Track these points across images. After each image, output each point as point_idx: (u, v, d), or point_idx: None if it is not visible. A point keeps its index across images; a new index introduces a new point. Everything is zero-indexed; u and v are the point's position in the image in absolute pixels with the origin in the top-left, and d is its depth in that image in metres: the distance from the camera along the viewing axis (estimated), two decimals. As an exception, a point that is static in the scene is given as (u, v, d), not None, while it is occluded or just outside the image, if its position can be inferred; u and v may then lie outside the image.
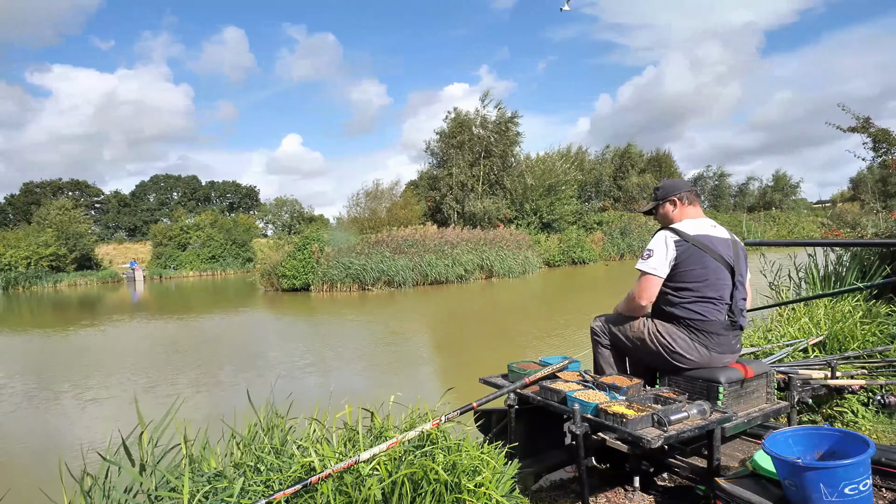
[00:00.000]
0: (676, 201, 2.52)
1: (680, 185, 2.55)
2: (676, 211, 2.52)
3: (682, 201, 2.52)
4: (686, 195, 2.52)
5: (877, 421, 3.13)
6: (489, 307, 15.69)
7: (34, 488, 2.29)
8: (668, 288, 2.35)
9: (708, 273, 2.29)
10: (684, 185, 2.56)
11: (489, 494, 1.65)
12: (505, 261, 23.40)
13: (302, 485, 1.57)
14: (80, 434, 5.22)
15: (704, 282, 2.29)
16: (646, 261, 2.35)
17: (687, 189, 2.54)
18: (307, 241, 21.14)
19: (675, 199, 2.52)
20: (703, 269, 2.29)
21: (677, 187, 2.54)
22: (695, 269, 2.29)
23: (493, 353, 8.29)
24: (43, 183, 50.81)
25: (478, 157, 31.43)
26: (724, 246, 2.36)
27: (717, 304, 2.31)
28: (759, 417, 2.32)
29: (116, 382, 7.40)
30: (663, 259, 2.32)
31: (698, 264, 2.29)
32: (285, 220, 56.03)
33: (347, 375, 7.31)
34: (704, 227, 2.40)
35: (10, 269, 30.41)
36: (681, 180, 2.64)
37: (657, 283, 2.33)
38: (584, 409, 2.06)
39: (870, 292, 5.01)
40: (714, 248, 2.32)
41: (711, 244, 2.33)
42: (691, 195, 2.54)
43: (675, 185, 2.56)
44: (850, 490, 1.66)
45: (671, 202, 2.53)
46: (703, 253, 2.30)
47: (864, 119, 7.96)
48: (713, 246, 2.32)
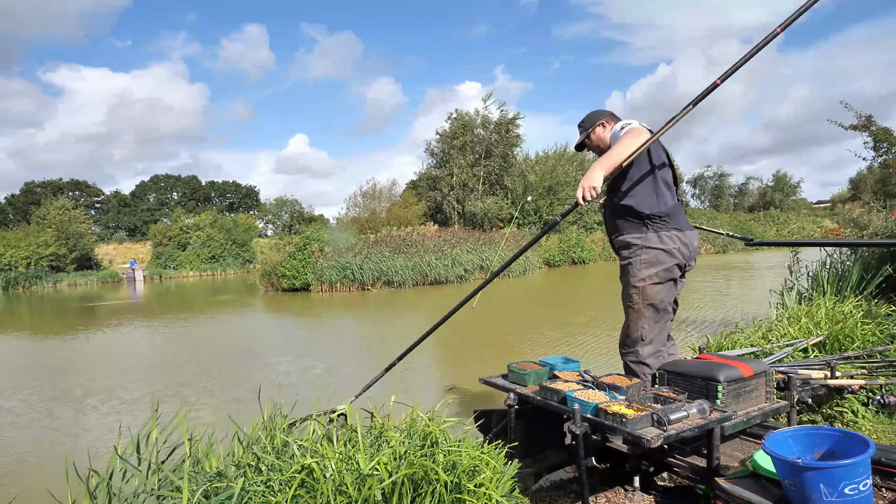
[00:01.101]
0: (604, 123, 2.79)
1: (601, 113, 2.84)
2: (606, 131, 2.77)
3: (608, 121, 2.78)
4: (609, 117, 2.80)
5: (877, 421, 3.13)
6: (489, 307, 15.69)
7: (43, 490, 2.29)
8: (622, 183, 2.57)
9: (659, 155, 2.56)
10: (605, 112, 2.84)
11: (489, 494, 1.65)
12: (505, 261, 23.40)
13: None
14: (86, 437, 5.23)
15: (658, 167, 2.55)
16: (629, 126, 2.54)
17: (608, 112, 2.83)
18: (307, 242, 21.15)
19: (602, 122, 2.79)
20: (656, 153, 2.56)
21: (600, 114, 2.82)
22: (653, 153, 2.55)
23: (493, 353, 8.29)
24: (43, 183, 50.84)
25: (479, 158, 31.46)
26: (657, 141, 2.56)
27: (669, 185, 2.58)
28: (759, 417, 2.32)
29: (119, 385, 7.40)
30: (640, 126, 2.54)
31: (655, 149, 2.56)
32: (285, 221, 56.04)
33: (348, 375, 7.31)
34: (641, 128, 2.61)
35: (10, 269, 30.42)
36: (599, 110, 2.87)
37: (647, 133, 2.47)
38: (584, 409, 2.06)
39: (870, 292, 5.01)
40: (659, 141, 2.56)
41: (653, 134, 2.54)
42: (612, 116, 2.81)
43: (597, 114, 2.84)
44: (850, 490, 1.66)
45: (600, 126, 2.79)
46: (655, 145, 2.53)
47: (866, 118, 7.95)
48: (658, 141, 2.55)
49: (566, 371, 2.57)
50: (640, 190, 2.55)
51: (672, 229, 2.54)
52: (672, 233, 2.53)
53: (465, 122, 31.24)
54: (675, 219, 2.56)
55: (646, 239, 2.54)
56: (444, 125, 32.07)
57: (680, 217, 2.60)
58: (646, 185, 2.55)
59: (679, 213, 2.60)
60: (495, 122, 31.64)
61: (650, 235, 2.54)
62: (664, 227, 2.53)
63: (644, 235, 2.55)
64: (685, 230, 2.59)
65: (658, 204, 2.53)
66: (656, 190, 2.53)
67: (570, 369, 2.61)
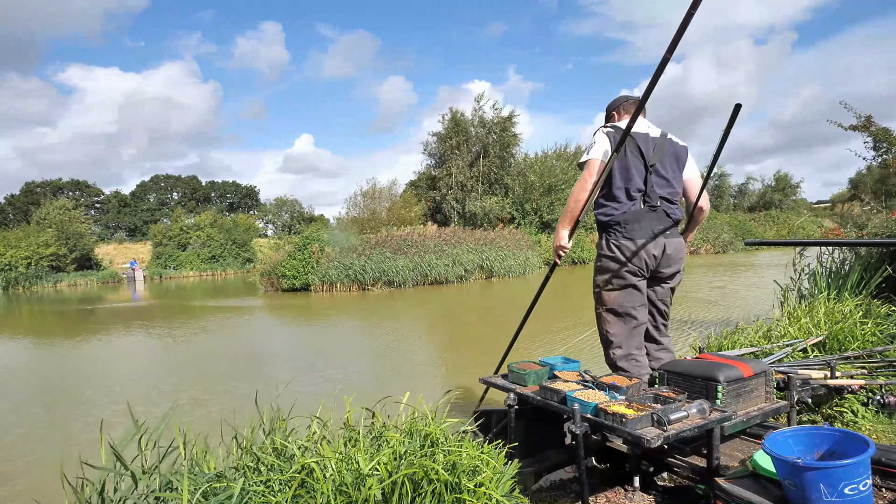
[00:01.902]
0: (615, 114, 2.82)
1: (619, 99, 2.85)
2: (619, 120, 2.79)
3: (620, 111, 2.81)
4: (624, 105, 2.81)
5: (877, 421, 3.13)
6: (489, 307, 15.68)
7: (41, 495, 2.29)
8: (600, 193, 2.62)
9: (624, 162, 2.54)
10: (622, 99, 2.84)
11: (489, 494, 1.65)
12: (505, 261, 23.40)
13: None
14: (82, 442, 5.23)
15: (620, 175, 2.55)
16: (588, 152, 2.60)
17: (625, 99, 2.83)
18: (307, 241, 21.15)
19: (614, 112, 2.83)
20: (621, 161, 2.55)
21: (617, 102, 2.85)
22: (616, 162, 2.54)
23: (493, 353, 8.29)
24: (43, 183, 50.86)
25: (476, 157, 31.45)
26: (645, 140, 2.60)
27: (630, 193, 2.55)
28: (759, 416, 2.32)
29: (122, 387, 7.40)
30: (602, 144, 2.56)
31: (625, 156, 2.54)
32: (285, 221, 56.04)
33: (348, 375, 7.31)
34: (641, 126, 2.64)
35: (10, 269, 30.42)
36: (621, 96, 2.89)
37: (600, 166, 2.54)
38: (584, 409, 2.06)
39: (870, 292, 5.01)
40: (640, 143, 2.57)
41: (639, 140, 2.57)
42: (628, 104, 2.80)
43: (615, 102, 2.86)
44: (849, 490, 1.66)
45: (613, 115, 2.83)
46: (630, 146, 2.55)
47: (866, 118, 7.95)
48: (640, 141, 2.57)
49: (566, 371, 2.58)
50: (601, 199, 2.64)
51: (624, 238, 2.56)
52: (622, 241, 2.56)
53: (459, 121, 31.25)
54: (631, 227, 2.55)
55: (601, 246, 2.66)
56: (438, 125, 32.16)
57: (640, 224, 2.56)
58: (606, 195, 2.62)
59: (640, 220, 2.56)
60: (491, 122, 31.64)
61: (603, 243, 2.65)
62: (616, 235, 2.58)
63: (601, 242, 2.66)
64: (642, 238, 2.56)
65: (613, 211, 2.58)
66: (614, 198, 2.58)
67: (569, 369, 2.61)
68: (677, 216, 2.66)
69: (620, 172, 2.56)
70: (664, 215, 2.60)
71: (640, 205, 2.56)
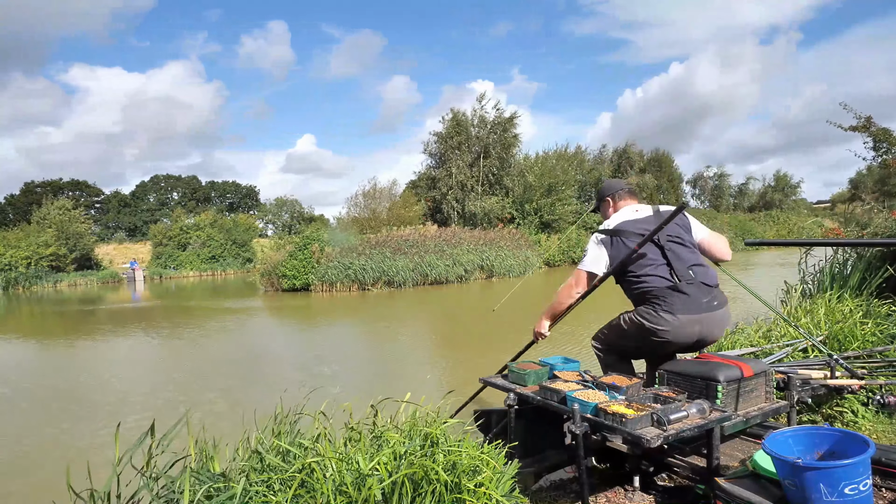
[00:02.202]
0: (609, 200, 2.82)
1: (613, 186, 2.85)
2: (611, 209, 2.80)
3: (615, 199, 2.80)
4: (618, 193, 2.80)
5: (877, 421, 3.13)
6: (489, 307, 15.68)
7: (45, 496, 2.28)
8: (620, 279, 2.60)
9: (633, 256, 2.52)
10: (617, 185, 2.85)
11: (489, 494, 1.65)
12: (505, 261, 23.40)
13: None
14: (89, 445, 5.24)
15: (637, 262, 2.52)
16: (582, 261, 2.63)
17: (620, 188, 2.82)
18: (307, 241, 21.14)
19: (608, 198, 2.83)
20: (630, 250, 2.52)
21: (610, 188, 2.85)
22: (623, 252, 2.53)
23: (493, 352, 8.28)
24: (43, 183, 50.85)
25: (476, 158, 31.46)
26: (645, 222, 2.58)
27: (656, 270, 2.49)
28: (759, 416, 2.32)
29: (124, 389, 7.41)
30: (596, 258, 2.58)
31: (627, 249, 2.52)
32: (285, 221, 56.03)
33: (348, 376, 7.31)
34: (626, 214, 2.65)
35: (10, 269, 30.40)
36: (616, 181, 2.90)
37: (589, 278, 2.59)
38: (584, 409, 2.06)
39: (870, 292, 5.01)
40: (634, 229, 2.56)
41: (630, 227, 2.57)
42: (623, 192, 2.80)
43: (608, 186, 2.87)
44: (850, 490, 1.66)
45: (605, 202, 2.85)
46: (625, 238, 2.54)
47: (866, 118, 7.95)
48: (632, 227, 2.56)
49: (566, 371, 2.58)
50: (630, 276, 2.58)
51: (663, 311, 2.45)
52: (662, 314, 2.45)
53: (459, 121, 31.27)
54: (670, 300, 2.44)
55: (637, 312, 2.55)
56: (440, 125, 32.16)
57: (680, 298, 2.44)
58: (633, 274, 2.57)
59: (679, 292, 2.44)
60: (492, 122, 31.65)
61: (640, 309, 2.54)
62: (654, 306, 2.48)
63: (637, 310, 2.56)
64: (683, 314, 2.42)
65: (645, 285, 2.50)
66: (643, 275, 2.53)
67: (569, 369, 2.61)
68: (714, 280, 2.53)
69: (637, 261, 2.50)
70: (702, 285, 2.47)
71: (671, 278, 2.45)
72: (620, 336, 2.60)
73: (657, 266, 2.49)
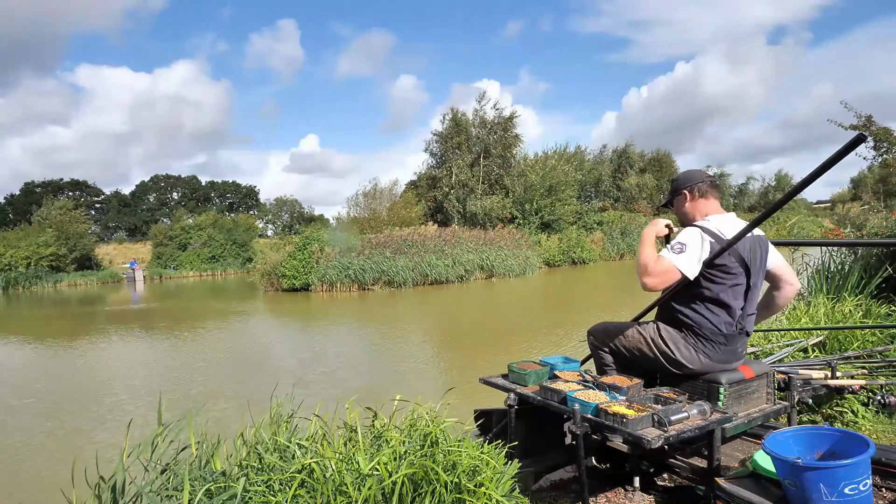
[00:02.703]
0: (687, 193, 2.34)
1: (694, 176, 2.36)
2: (688, 204, 2.35)
3: (693, 193, 2.33)
4: (698, 186, 2.32)
5: (877, 421, 3.13)
6: (489, 307, 15.68)
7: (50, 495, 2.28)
8: (684, 289, 2.22)
9: (727, 278, 2.16)
10: (698, 176, 2.36)
11: (489, 494, 1.65)
12: (505, 261, 23.41)
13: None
14: (95, 442, 5.25)
15: (722, 286, 2.16)
16: (677, 254, 2.13)
17: (700, 180, 2.34)
18: (307, 242, 21.14)
19: (685, 191, 2.35)
20: (724, 274, 2.15)
21: (690, 178, 2.36)
22: (716, 273, 2.15)
23: (493, 352, 8.29)
24: (43, 183, 50.87)
25: (477, 157, 31.48)
26: (744, 246, 2.18)
27: (730, 311, 2.20)
28: (760, 418, 2.32)
29: (125, 390, 7.41)
30: (696, 258, 2.13)
31: (722, 268, 2.14)
32: (285, 221, 56.04)
33: (348, 376, 7.31)
34: (724, 222, 2.23)
35: (10, 269, 30.41)
36: (696, 171, 2.42)
37: (678, 279, 2.14)
38: (584, 409, 2.06)
39: (870, 292, 5.01)
40: (738, 249, 2.16)
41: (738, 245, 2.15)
42: (704, 186, 2.33)
43: (687, 177, 2.38)
44: (850, 490, 1.66)
45: (682, 195, 2.36)
46: (729, 255, 2.14)
47: (866, 118, 7.95)
48: (738, 247, 2.16)
49: (566, 371, 2.57)
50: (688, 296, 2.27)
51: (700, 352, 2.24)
52: (696, 354, 2.24)
53: (459, 121, 31.30)
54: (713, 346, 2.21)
55: (661, 337, 2.29)
56: (440, 125, 32.20)
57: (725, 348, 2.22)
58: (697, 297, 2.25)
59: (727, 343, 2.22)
60: (492, 122, 31.68)
61: (670, 334, 2.29)
62: (692, 339, 2.25)
63: (666, 332, 2.30)
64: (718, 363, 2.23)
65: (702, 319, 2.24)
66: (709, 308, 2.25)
67: (570, 369, 2.61)
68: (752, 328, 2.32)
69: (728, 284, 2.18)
70: (745, 335, 2.27)
71: (734, 325, 2.20)
72: (634, 351, 2.39)
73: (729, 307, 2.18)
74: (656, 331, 2.31)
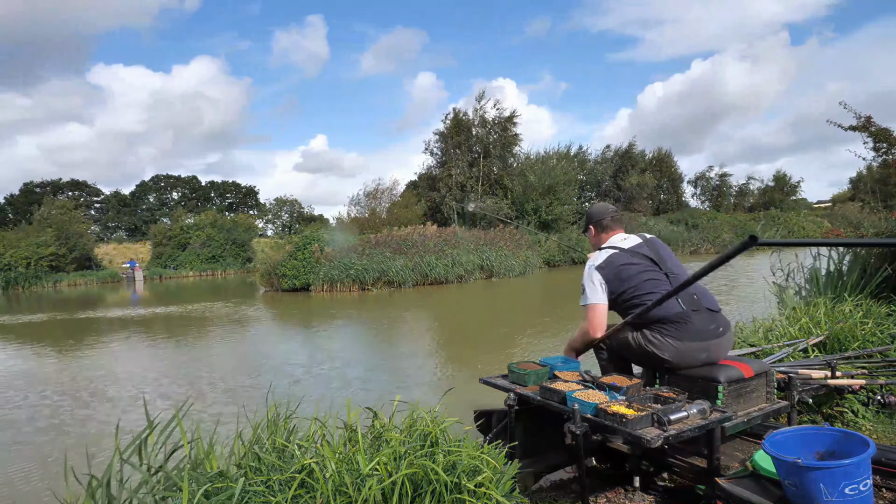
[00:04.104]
0: (593, 228, 2.84)
1: (598, 213, 2.84)
2: (595, 236, 2.83)
3: (598, 228, 2.82)
4: (601, 222, 2.80)
5: (877, 421, 3.13)
6: (489, 307, 15.68)
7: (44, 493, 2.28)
8: (620, 304, 2.56)
9: (634, 278, 2.50)
10: (603, 213, 2.82)
11: (489, 494, 1.65)
12: (505, 261, 23.41)
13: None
14: (87, 440, 5.24)
15: (636, 286, 2.49)
16: (584, 295, 2.60)
17: (603, 216, 2.81)
18: (307, 241, 21.14)
19: (591, 226, 2.85)
20: (630, 276, 2.51)
21: (595, 215, 2.84)
22: (625, 281, 2.51)
23: (493, 353, 8.29)
24: (43, 183, 50.87)
25: (477, 157, 31.49)
26: (640, 248, 2.60)
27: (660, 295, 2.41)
28: (759, 417, 2.32)
29: (126, 389, 7.41)
30: (596, 288, 2.55)
31: (624, 275, 2.51)
32: (285, 220, 56.05)
33: (348, 376, 7.31)
34: (615, 243, 2.67)
35: (9, 269, 30.41)
36: (601, 207, 2.88)
37: (602, 309, 2.55)
38: (584, 409, 2.06)
39: (870, 292, 5.00)
40: (628, 257, 2.56)
41: (625, 255, 2.57)
42: (607, 220, 2.79)
43: (592, 214, 2.87)
44: (850, 490, 1.66)
45: (590, 229, 2.87)
46: (622, 266, 2.53)
47: (866, 118, 7.94)
48: (627, 256, 2.56)
49: (566, 371, 2.57)
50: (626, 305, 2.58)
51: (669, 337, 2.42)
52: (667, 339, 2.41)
53: (460, 120, 31.31)
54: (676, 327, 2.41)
55: (633, 339, 2.53)
56: (437, 125, 32.26)
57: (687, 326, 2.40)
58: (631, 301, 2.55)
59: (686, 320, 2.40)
60: (492, 122, 31.69)
61: (637, 335, 2.51)
62: (657, 332, 2.44)
63: (633, 335, 2.54)
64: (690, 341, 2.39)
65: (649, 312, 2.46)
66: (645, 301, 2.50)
67: (570, 369, 2.61)
68: (717, 305, 2.52)
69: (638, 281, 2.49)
70: (707, 311, 2.44)
71: (681, 305, 2.41)
72: (625, 348, 2.59)
73: (653, 291, 2.45)
74: (636, 335, 2.52)
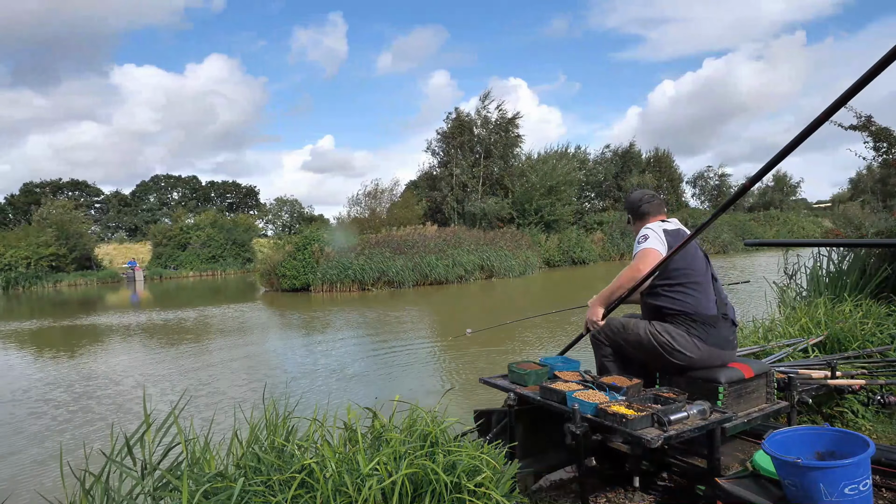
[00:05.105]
0: (639, 211, 2.73)
1: (641, 197, 2.74)
2: (640, 220, 2.71)
3: (644, 211, 2.72)
4: (650, 203, 2.71)
5: (877, 421, 3.13)
6: (489, 307, 15.68)
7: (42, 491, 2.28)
8: (658, 281, 2.46)
9: (688, 262, 2.44)
10: (646, 196, 2.74)
11: (489, 494, 1.65)
12: (505, 261, 23.41)
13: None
14: (85, 440, 5.24)
15: (686, 270, 2.43)
16: (644, 241, 2.47)
17: (651, 198, 2.73)
18: (307, 242, 21.13)
19: (640, 208, 2.73)
20: (683, 259, 2.43)
21: (639, 200, 2.74)
22: (677, 260, 2.41)
23: (493, 353, 8.28)
24: (43, 183, 50.86)
25: (478, 158, 31.51)
26: (685, 235, 2.54)
27: (704, 292, 2.42)
28: (760, 417, 2.32)
29: (125, 389, 7.41)
30: (662, 240, 2.46)
31: (679, 255, 2.40)
32: (285, 220, 56.04)
33: (348, 376, 7.31)
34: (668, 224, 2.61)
35: (10, 269, 30.40)
36: (641, 191, 2.80)
37: (657, 256, 2.40)
38: (584, 409, 2.06)
39: (870, 292, 5.00)
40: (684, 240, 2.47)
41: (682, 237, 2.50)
42: (653, 205, 2.71)
43: (636, 199, 2.75)
44: (850, 490, 1.66)
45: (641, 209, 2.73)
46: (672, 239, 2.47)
47: (866, 118, 7.95)
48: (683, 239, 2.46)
49: (566, 371, 2.57)
50: (659, 289, 2.50)
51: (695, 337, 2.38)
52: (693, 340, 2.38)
53: (463, 120, 31.34)
54: (705, 329, 2.37)
55: (657, 330, 2.45)
56: (443, 125, 32.26)
57: (716, 330, 2.38)
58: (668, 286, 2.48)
59: (715, 325, 2.38)
60: (495, 122, 31.71)
61: (665, 327, 2.44)
62: (686, 327, 2.40)
63: (659, 327, 2.46)
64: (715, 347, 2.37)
65: (682, 305, 2.43)
66: (683, 291, 2.46)
67: (570, 369, 2.60)
68: (736, 319, 2.51)
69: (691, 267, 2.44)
70: (731, 323, 2.45)
71: (714, 307, 2.40)
72: (634, 345, 2.50)
73: (704, 288, 2.41)
74: (651, 326, 2.46)
